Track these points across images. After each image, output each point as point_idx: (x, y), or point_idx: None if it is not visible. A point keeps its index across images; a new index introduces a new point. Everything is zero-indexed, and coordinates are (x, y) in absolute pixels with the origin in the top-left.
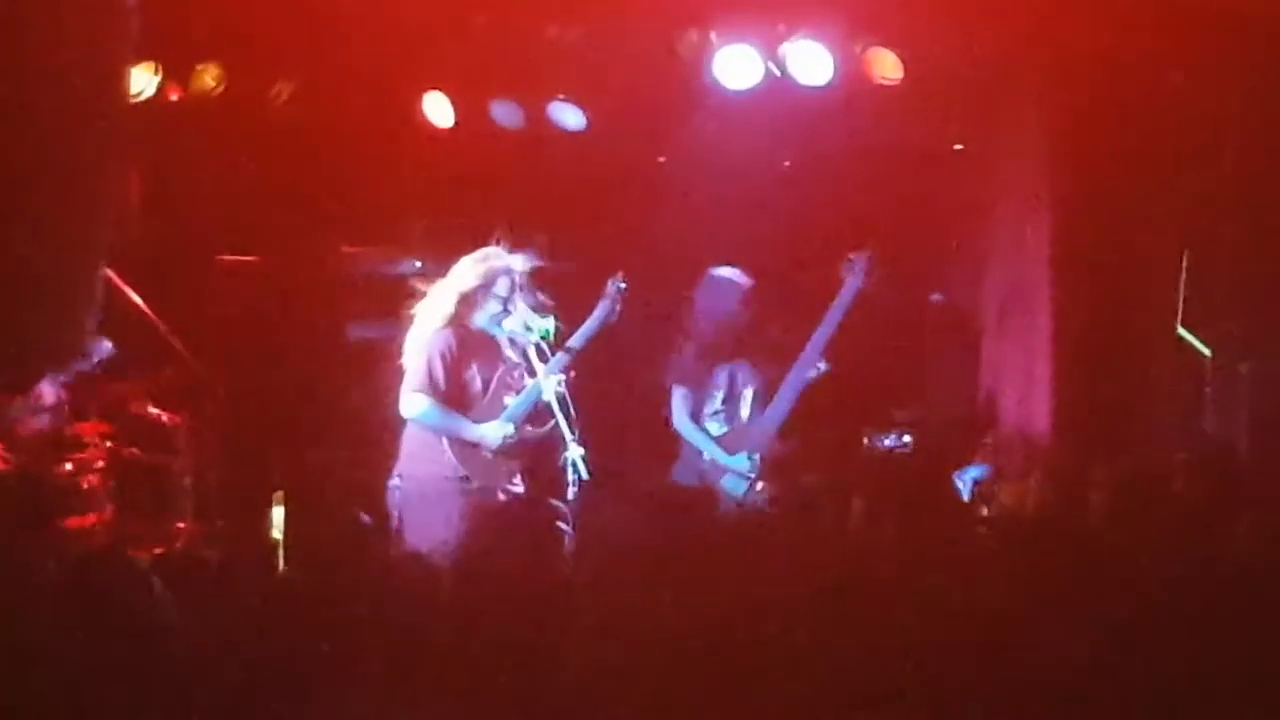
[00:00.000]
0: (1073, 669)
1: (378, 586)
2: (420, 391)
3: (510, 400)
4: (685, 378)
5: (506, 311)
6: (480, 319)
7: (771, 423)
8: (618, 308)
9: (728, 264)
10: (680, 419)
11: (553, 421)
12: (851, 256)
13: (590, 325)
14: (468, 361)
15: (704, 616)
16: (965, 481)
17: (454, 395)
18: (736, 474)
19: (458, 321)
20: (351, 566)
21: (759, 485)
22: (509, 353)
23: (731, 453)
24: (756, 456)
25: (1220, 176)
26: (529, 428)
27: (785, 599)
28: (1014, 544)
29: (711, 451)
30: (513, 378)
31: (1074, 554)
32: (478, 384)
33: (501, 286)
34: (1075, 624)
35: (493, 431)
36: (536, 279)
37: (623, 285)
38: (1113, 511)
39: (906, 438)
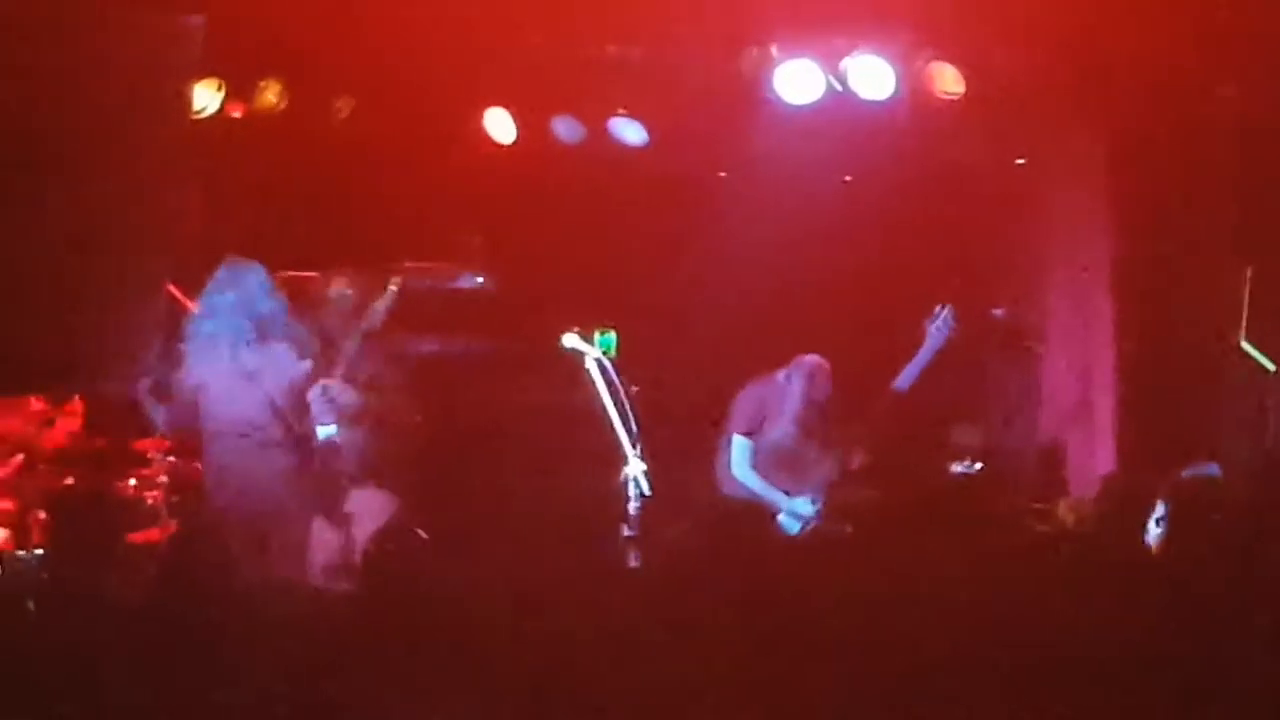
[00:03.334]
0: (1137, 683)
1: (431, 600)
2: None
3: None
4: (748, 430)
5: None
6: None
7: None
8: None
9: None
10: (741, 467)
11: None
12: (936, 309)
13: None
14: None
15: (758, 626)
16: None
17: None
18: (794, 515)
19: None
20: (403, 581)
21: (813, 525)
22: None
23: (793, 495)
24: (819, 501)
25: None
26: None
27: (843, 610)
28: (1076, 561)
29: (773, 497)
30: None
31: (1137, 573)
32: None
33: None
34: (1137, 639)
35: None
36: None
37: None
38: (1176, 529)
39: (978, 465)
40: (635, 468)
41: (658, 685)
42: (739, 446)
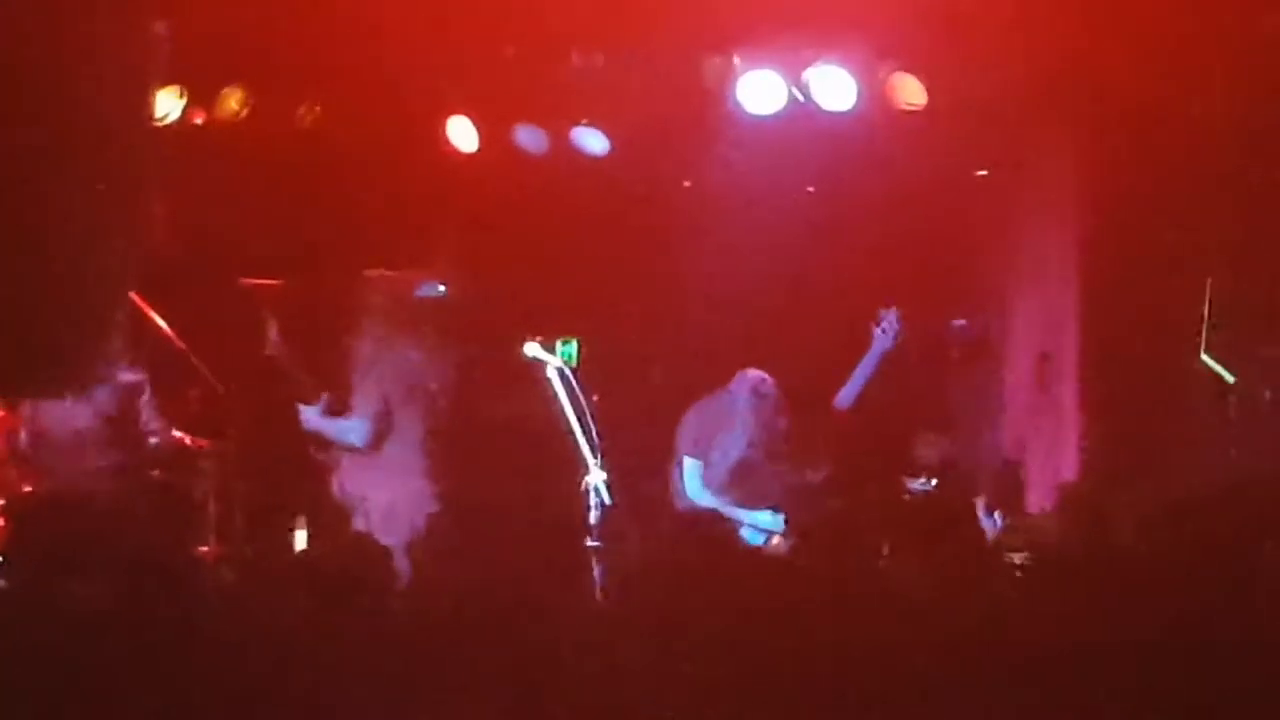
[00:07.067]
0: (1103, 701)
1: (397, 610)
2: None
3: None
4: (698, 450)
5: None
6: None
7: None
8: None
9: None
10: (694, 489)
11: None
12: (882, 313)
13: None
14: None
15: (723, 640)
16: None
17: None
18: (756, 528)
19: None
20: (372, 590)
21: (777, 539)
22: None
23: (754, 509)
24: (783, 514)
25: (1244, 203)
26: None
27: (806, 622)
28: (1039, 578)
29: (732, 514)
30: None
31: (1099, 585)
32: None
33: None
34: (1102, 656)
35: None
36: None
37: None
38: (1138, 541)
39: (934, 481)
40: (596, 476)
41: (621, 695)
42: (690, 468)
